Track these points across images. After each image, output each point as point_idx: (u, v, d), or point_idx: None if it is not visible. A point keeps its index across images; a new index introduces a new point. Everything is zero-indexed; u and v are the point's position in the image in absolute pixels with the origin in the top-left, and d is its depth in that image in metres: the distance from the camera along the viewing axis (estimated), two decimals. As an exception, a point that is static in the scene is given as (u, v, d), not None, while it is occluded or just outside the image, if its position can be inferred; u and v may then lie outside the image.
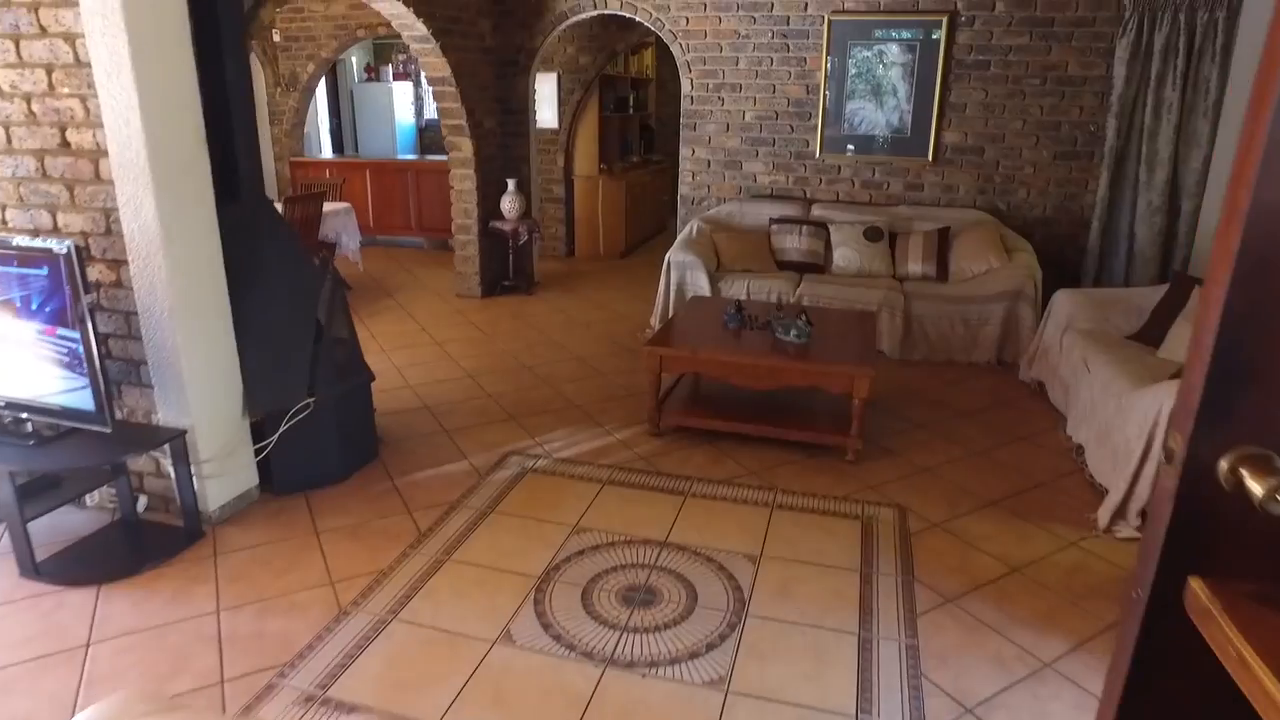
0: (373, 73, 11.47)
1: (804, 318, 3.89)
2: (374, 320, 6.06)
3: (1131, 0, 5.24)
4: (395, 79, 10.68)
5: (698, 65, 6.17)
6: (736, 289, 5.41)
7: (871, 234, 5.60)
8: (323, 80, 11.37)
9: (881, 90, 5.86)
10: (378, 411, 4.09)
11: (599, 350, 5.43)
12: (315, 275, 3.53)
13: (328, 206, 6.52)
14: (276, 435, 3.34)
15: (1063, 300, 4.62)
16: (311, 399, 3.40)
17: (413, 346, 5.47)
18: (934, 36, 5.64)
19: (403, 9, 5.35)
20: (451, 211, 6.59)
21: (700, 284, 5.43)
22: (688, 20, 6.09)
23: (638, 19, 6.20)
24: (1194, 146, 5.30)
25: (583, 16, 6.38)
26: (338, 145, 11.68)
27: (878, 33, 5.75)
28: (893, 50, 5.76)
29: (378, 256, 8.44)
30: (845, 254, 5.59)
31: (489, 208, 6.63)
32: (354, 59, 11.41)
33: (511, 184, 6.55)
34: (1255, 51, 1.84)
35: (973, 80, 5.70)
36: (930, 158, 5.88)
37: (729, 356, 3.79)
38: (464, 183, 6.47)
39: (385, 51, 10.87)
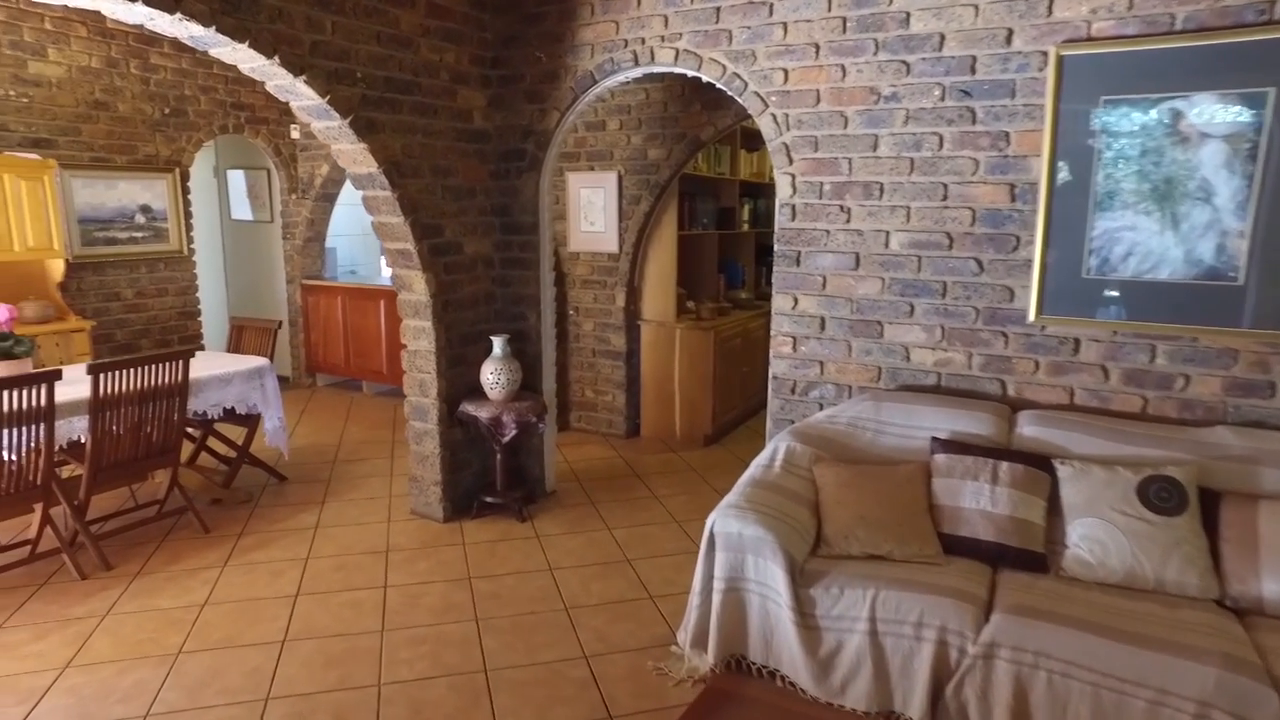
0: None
1: None
2: (239, 566, 3.63)
3: None
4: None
5: (803, 151, 3.48)
6: (847, 608, 2.51)
7: (1158, 492, 2.57)
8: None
9: (1175, 193, 2.89)
10: None
11: (555, 703, 2.65)
12: None
13: (225, 366, 4.28)
14: None
15: None
16: None
17: (236, 649, 2.94)
18: (1297, 83, 2.66)
19: (264, 63, 3.07)
20: (404, 384, 4.17)
21: (772, 589, 2.58)
22: (785, 75, 3.44)
23: (703, 76, 3.64)
24: None
25: (619, 78, 3.91)
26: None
27: (1169, 79, 2.83)
28: (1206, 110, 2.81)
29: (377, 420, 6.16)
30: (1097, 535, 2.57)
31: (463, 380, 4.15)
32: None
33: (498, 343, 4.04)
34: None
35: (1393, 171, 2.63)
36: (1286, 330, 2.79)
37: None
38: (419, 340, 4.03)
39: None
